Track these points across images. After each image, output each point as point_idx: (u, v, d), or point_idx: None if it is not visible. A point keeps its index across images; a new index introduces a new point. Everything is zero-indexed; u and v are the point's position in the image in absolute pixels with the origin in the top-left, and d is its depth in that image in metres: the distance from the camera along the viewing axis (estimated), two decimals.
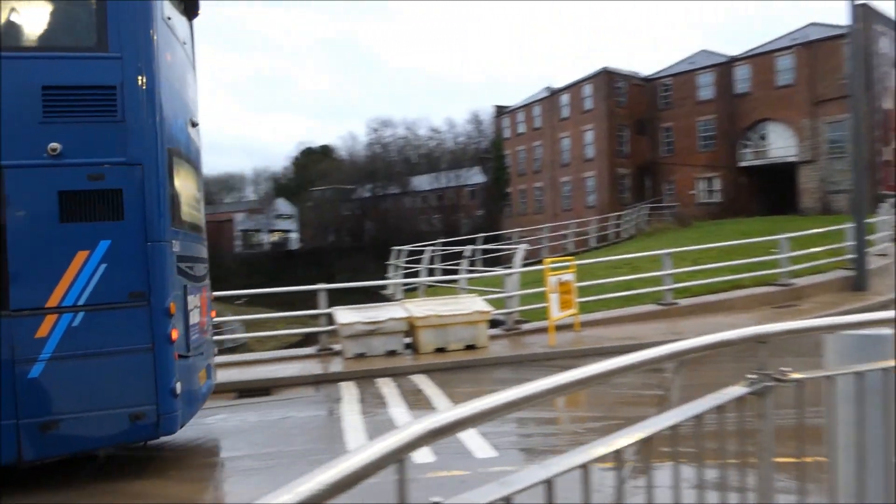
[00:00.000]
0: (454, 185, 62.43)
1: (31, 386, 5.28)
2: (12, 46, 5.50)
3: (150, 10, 5.70)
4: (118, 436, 5.62)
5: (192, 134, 6.98)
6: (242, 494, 5.33)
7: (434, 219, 60.17)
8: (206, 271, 7.52)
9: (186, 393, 5.90)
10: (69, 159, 5.43)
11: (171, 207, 5.89)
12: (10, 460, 5.25)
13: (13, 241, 5.32)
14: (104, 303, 5.47)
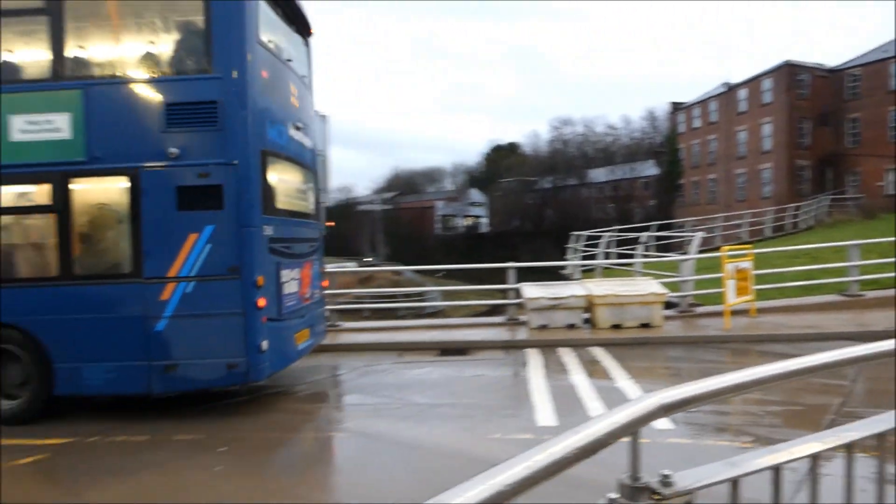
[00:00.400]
0: (628, 176, 59.55)
1: (157, 336, 6.05)
2: (143, 73, 6.31)
3: (244, 38, 6.07)
4: (218, 380, 6.18)
5: (295, 135, 7.28)
6: (444, 434, 5.49)
7: (609, 208, 57.93)
8: (313, 249, 7.86)
9: (276, 350, 6.31)
10: (184, 161, 6.07)
11: (262, 199, 6.26)
12: (143, 392, 6.10)
13: (146, 226, 6.10)
14: (208, 275, 6.06)
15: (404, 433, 5.66)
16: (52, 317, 6.18)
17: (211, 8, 6.10)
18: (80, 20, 6.42)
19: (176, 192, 6.11)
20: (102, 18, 6.56)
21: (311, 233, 7.96)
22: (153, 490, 4.63)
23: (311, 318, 7.63)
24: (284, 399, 7.10)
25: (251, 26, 6.18)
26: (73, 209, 6.26)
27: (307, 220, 7.85)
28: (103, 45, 6.61)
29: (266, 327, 6.17)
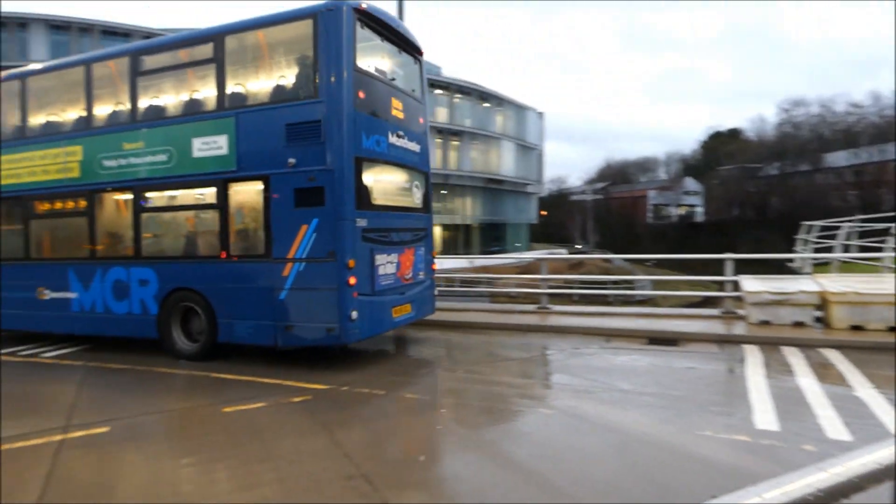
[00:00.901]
0: (876, 160, 49.26)
1: (280, 303, 7.31)
2: (264, 104, 7.57)
3: (340, 69, 7.03)
4: (320, 340, 7.19)
5: (397, 142, 8.04)
6: (650, 423, 5.11)
7: (850, 195, 48.66)
8: (417, 237, 8.60)
9: (367, 319, 7.20)
10: (298, 168, 7.19)
11: (355, 196, 7.12)
12: (271, 345, 7.41)
13: (273, 219, 7.37)
14: (314, 257, 7.13)
15: (609, 417, 5.40)
16: (217, 285, 7.79)
17: (317, 48, 7.15)
18: (234, 64, 7.88)
19: (293, 192, 7.27)
20: (247, 61, 8.04)
21: (415, 223, 8.68)
22: (385, 435, 5.07)
23: (414, 296, 8.38)
24: (501, 370, 7.27)
25: (346, 59, 7.08)
26: (229, 206, 7.79)
27: (410, 213, 8.60)
28: (247, 82, 7.92)
29: (356, 301, 7.07)
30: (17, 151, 9.38)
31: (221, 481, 4.23)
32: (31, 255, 9.41)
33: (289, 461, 4.54)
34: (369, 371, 7.34)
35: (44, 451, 4.79)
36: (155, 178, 8.16)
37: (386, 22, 8.13)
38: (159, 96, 8.43)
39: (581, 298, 18.64)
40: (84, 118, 8.86)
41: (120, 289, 8.49)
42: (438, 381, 6.88)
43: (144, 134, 8.26)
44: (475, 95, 53.54)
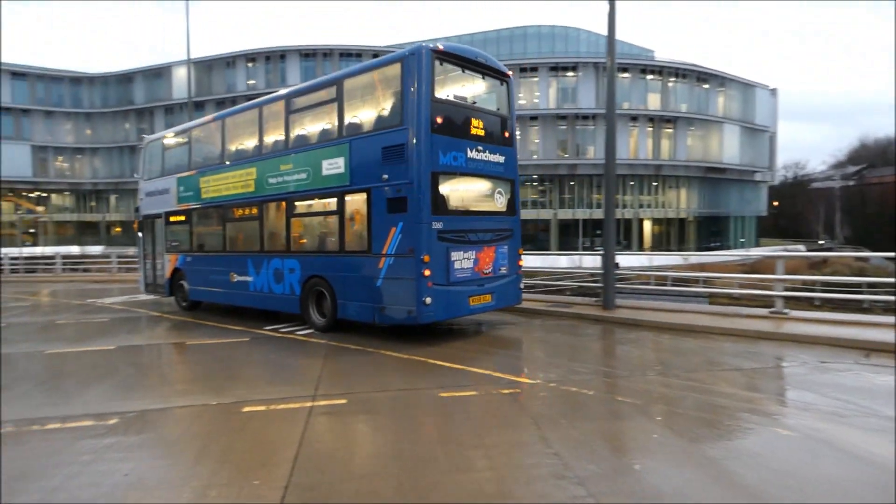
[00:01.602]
0: None
1: (377, 289, 9.02)
2: (367, 132, 9.33)
3: (418, 102, 8.52)
4: (403, 320, 8.70)
5: (477, 156, 9.30)
6: None
7: None
8: (499, 237, 9.69)
9: (441, 304, 8.58)
10: (390, 182, 8.83)
11: (431, 204, 8.54)
12: (370, 321, 9.21)
13: (373, 222, 9.07)
14: (399, 253, 8.72)
15: (868, 447, 4.53)
16: (336, 273, 9.78)
17: (403, 85, 8.75)
18: (348, 101, 9.73)
19: (386, 201, 8.91)
20: (356, 98, 9.77)
21: (497, 225, 9.74)
22: (595, 438, 4.93)
23: (495, 288, 9.57)
24: (723, 380, 6.58)
25: (424, 93, 8.57)
26: (345, 212, 9.66)
27: (491, 216, 9.69)
28: (356, 115, 9.69)
29: (431, 289, 8.49)
30: (216, 173, 12.47)
31: (440, 460, 4.54)
32: (226, 248, 12.36)
33: (500, 451, 4.69)
34: (575, 369, 7.23)
35: (299, 415, 5.67)
36: (301, 191, 10.45)
37: (465, 56, 9.50)
38: (303, 128, 10.64)
39: (825, 303, 15.98)
40: (257, 147, 11.49)
41: (278, 274, 10.95)
42: (651, 385, 6.48)
43: (293, 158, 10.58)
44: (692, 77, 49.15)
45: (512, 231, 10.04)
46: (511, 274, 9.95)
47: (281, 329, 10.56)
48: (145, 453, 4.83)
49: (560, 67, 47.20)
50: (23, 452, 4.89)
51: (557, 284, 18.23)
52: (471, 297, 9.10)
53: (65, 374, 7.70)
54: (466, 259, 9.10)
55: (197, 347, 9.27)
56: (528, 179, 47.64)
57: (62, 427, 5.51)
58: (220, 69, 54.95)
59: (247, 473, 4.36)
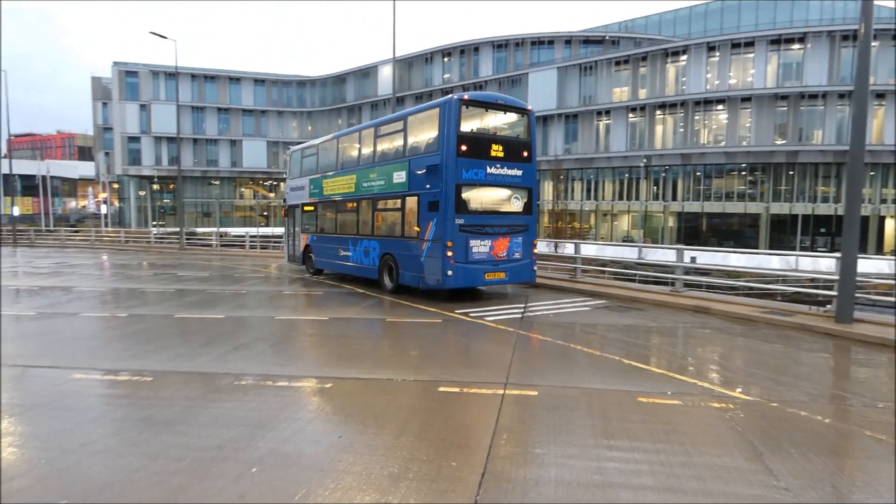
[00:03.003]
0: None
1: (421, 264, 12.40)
2: (420, 153, 12.74)
3: (448, 136, 11.85)
4: (433, 285, 12.08)
5: (495, 171, 12.29)
6: None
7: None
8: (513, 230, 12.61)
9: (460, 276, 11.84)
10: (430, 189, 12.18)
11: (455, 205, 11.82)
12: (416, 286, 12.66)
13: (420, 217, 12.41)
14: (433, 239, 12.06)
15: None
16: (399, 251, 13.41)
17: (439, 124, 12.07)
18: (411, 132, 13.27)
19: (427, 203, 12.32)
20: (413, 132, 13.23)
21: (512, 221, 12.65)
22: (835, 474, 4.11)
23: (508, 268, 12.50)
24: None
25: (452, 129, 11.81)
26: (405, 209, 13.16)
27: (507, 215, 12.62)
28: (413, 142, 13.19)
29: (452, 265, 11.76)
30: (332, 177, 16.70)
31: (644, 474, 4.17)
32: (337, 231, 16.55)
33: (713, 474, 4.16)
34: (805, 390, 6.17)
35: (491, 401, 5.69)
36: (380, 193, 14.13)
37: (488, 101, 12.83)
38: (383, 148, 14.39)
39: None
40: (356, 159, 15.63)
41: (365, 251, 14.88)
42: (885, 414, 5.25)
43: (377, 169, 14.35)
44: None
45: (527, 226, 12.98)
46: (525, 258, 12.88)
47: (471, 314, 10.84)
48: (355, 419, 5.23)
49: (783, 40, 41.20)
50: (260, 404, 5.63)
51: (766, 289, 16.03)
52: (486, 273, 12.28)
53: (289, 339, 8.79)
54: (483, 245, 12.27)
55: (395, 325, 9.92)
56: (736, 169, 42.72)
57: (289, 385, 6.25)
58: (419, 65, 58.47)
59: (444, 453, 4.47)
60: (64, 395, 5.99)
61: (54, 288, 14.81)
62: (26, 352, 7.84)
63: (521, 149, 12.76)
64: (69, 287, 14.97)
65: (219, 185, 65.83)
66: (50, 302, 12.39)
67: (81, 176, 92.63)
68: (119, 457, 4.43)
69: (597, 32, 52.71)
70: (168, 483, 4.00)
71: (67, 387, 6.29)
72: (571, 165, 48.63)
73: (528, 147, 12.86)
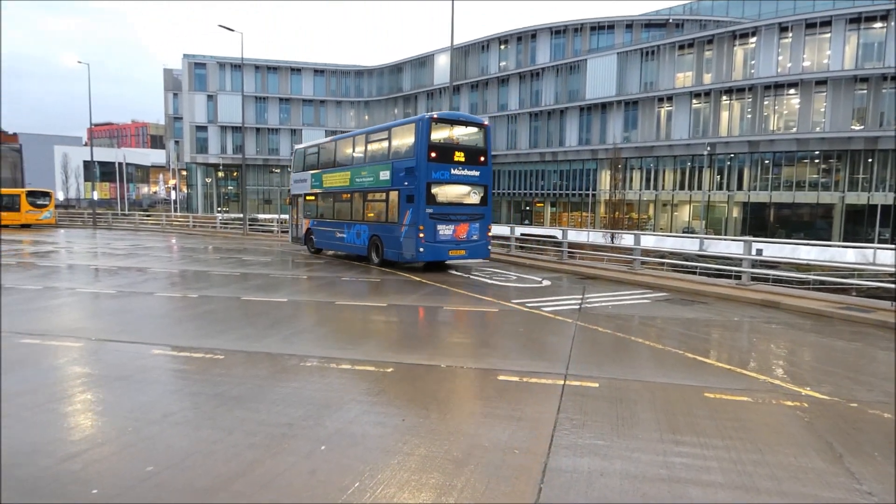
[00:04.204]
0: None
1: (400, 242, 15.64)
2: (401, 157, 15.84)
3: (421, 146, 14.94)
4: (409, 259, 15.28)
5: (457, 172, 15.35)
6: None
7: None
8: (472, 218, 15.65)
9: (430, 252, 14.97)
10: (407, 186, 15.29)
11: (426, 199, 14.86)
12: (397, 261, 15.97)
13: (400, 207, 15.66)
14: (409, 224, 15.17)
15: None
16: (383, 234, 16.39)
17: (415, 136, 15.11)
18: (394, 140, 16.30)
19: (405, 197, 15.32)
20: (396, 140, 16.25)
21: (471, 211, 15.70)
22: None
23: (467, 246, 15.55)
24: None
25: (424, 140, 14.86)
26: (388, 201, 16.14)
27: (467, 206, 15.68)
28: (395, 147, 16.18)
29: (423, 244, 14.84)
30: (330, 173, 19.49)
31: (714, 471, 4.04)
32: (334, 217, 19.35)
33: (788, 474, 3.99)
34: (888, 391, 5.81)
35: (551, 392, 5.64)
36: (370, 187, 17.10)
37: (452, 119, 15.64)
38: (372, 151, 17.33)
39: None
40: (350, 159, 18.45)
41: (357, 233, 17.85)
42: None
43: (367, 168, 17.31)
44: None
45: (483, 215, 15.93)
46: (481, 240, 15.85)
47: (527, 304, 10.76)
48: (417, 403, 5.31)
49: (864, 18, 38.40)
50: (326, 385, 5.80)
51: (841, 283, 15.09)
52: (450, 250, 15.30)
53: (349, 323, 9.00)
54: (448, 229, 15.24)
55: (451, 313, 9.98)
56: (808, 156, 40.35)
57: (352, 368, 6.41)
58: (475, 54, 57.99)
59: (507, 441, 4.47)
60: (145, 369, 6.37)
61: (130, 269, 15.73)
62: (109, 328, 8.37)
63: (479, 154, 15.87)
64: (144, 268, 15.85)
65: (279, 173, 67.83)
66: (128, 282, 13.17)
67: (153, 163, 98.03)
68: (197, 429, 4.68)
69: (660, 16, 50.72)
70: (244, 456, 4.19)
71: (147, 361, 6.67)
72: (630, 154, 47.22)
73: (485, 153, 15.98)
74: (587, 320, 9.25)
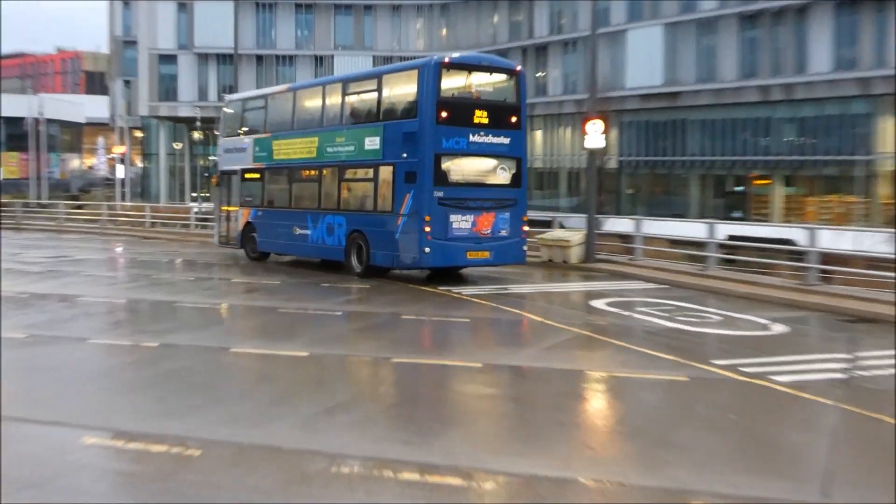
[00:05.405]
0: None
1: (396, 241, 11.90)
2: (396, 118, 12.25)
3: (425, 100, 11.40)
4: (410, 264, 11.99)
5: (478, 139, 11.65)
6: None
7: None
8: (499, 205, 11.91)
9: (439, 254, 11.35)
10: (407, 159, 11.73)
11: (434, 177, 11.35)
12: (390, 267, 12.50)
13: (395, 189, 11.97)
14: (410, 213, 11.56)
15: None
16: (370, 228, 12.40)
17: (418, 87, 11.62)
18: (386, 93, 12.65)
19: (404, 174, 11.72)
20: (389, 93, 12.65)
21: (498, 195, 12.05)
22: None
23: (493, 247, 11.84)
24: None
25: (431, 94, 11.36)
26: (378, 180, 12.35)
27: (492, 187, 12.07)
28: (388, 104, 12.57)
29: (430, 242, 11.24)
30: (285, 138, 14.60)
31: None
32: (291, 205, 14.47)
33: None
34: None
35: None
36: (349, 160, 13.11)
37: (472, 63, 12.36)
38: (353, 108, 13.54)
39: None
40: (318, 119, 14.17)
41: (328, 228, 13.35)
42: None
43: (345, 133, 13.27)
44: None
45: (515, 200, 12.15)
46: (513, 237, 12.07)
47: (742, 368, 6.55)
48: None
49: None
50: None
51: None
52: (468, 251, 11.62)
53: (414, 393, 6.31)
54: (464, 221, 11.48)
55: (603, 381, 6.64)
56: None
57: (421, 480, 3.76)
58: None
59: None
60: (70, 470, 3.78)
61: (50, 296, 11.27)
62: (14, 398, 5.33)
63: (509, 114, 12.15)
64: (72, 296, 11.31)
65: None
66: (46, 318, 9.46)
67: (89, 119, 61.04)
68: None
69: None
70: None
71: (75, 458, 4.05)
72: None
73: (517, 112, 12.16)
74: (862, 402, 5.61)
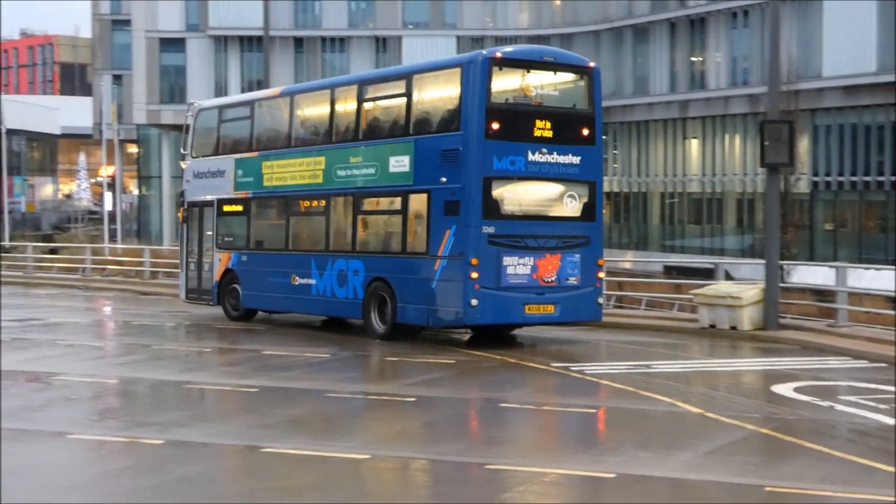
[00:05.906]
0: None
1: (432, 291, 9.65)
2: (431, 131, 10.12)
3: (472, 108, 9.27)
4: (451, 322, 9.84)
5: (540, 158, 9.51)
6: None
7: None
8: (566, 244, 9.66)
9: (488, 308, 9.16)
10: (446, 185, 9.50)
11: (483, 208, 9.25)
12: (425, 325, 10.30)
13: (432, 223, 9.77)
14: (451, 255, 9.37)
15: None
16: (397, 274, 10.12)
17: (461, 90, 9.43)
18: (418, 99, 10.39)
19: (443, 204, 9.60)
20: (422, 99, 10.45)
21: (563, 231, 9.78)
22: None
23: (559, 299, 9.56)
24: None
25: (479, 99, 9.22)
26: (407, 212, 10.28)
27: (557, 221, 9.87)
28: (420, 114, 10.42)
29: (478, 292, 9.03)
30: (280, 159, 12.02)
31: None
32: (287, 247, 12.04)
33: None
34: None
35: None
36: (368, 187, 10.89)
37: (530, 58, 10.45)
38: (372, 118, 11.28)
39: None
40: (326, 133, 11.77)
41: (340, 276, 10.89)
42: None
43: (363, 151, 10.98)
44: None
45: (588, 238, 9.94)
46: (586, 286, 9.86)
47: None
48: None
49: None
50: None
51: None
52: (527, 304, 9.45)
53: None
54: (522, 265, 9.44)
55: None
56: None
57: None
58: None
59: None
60: None
61: (17, 374, 8.64)
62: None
63: (580, 125, 10.00)
64: (46, 374, 8.77)
65: None
66: (14, 404, 6.78)
67: (66, 129, 49.38)
68: None
69: None
70: None
71: None
72: None
73: (591, 122, 9.98)
74: None
